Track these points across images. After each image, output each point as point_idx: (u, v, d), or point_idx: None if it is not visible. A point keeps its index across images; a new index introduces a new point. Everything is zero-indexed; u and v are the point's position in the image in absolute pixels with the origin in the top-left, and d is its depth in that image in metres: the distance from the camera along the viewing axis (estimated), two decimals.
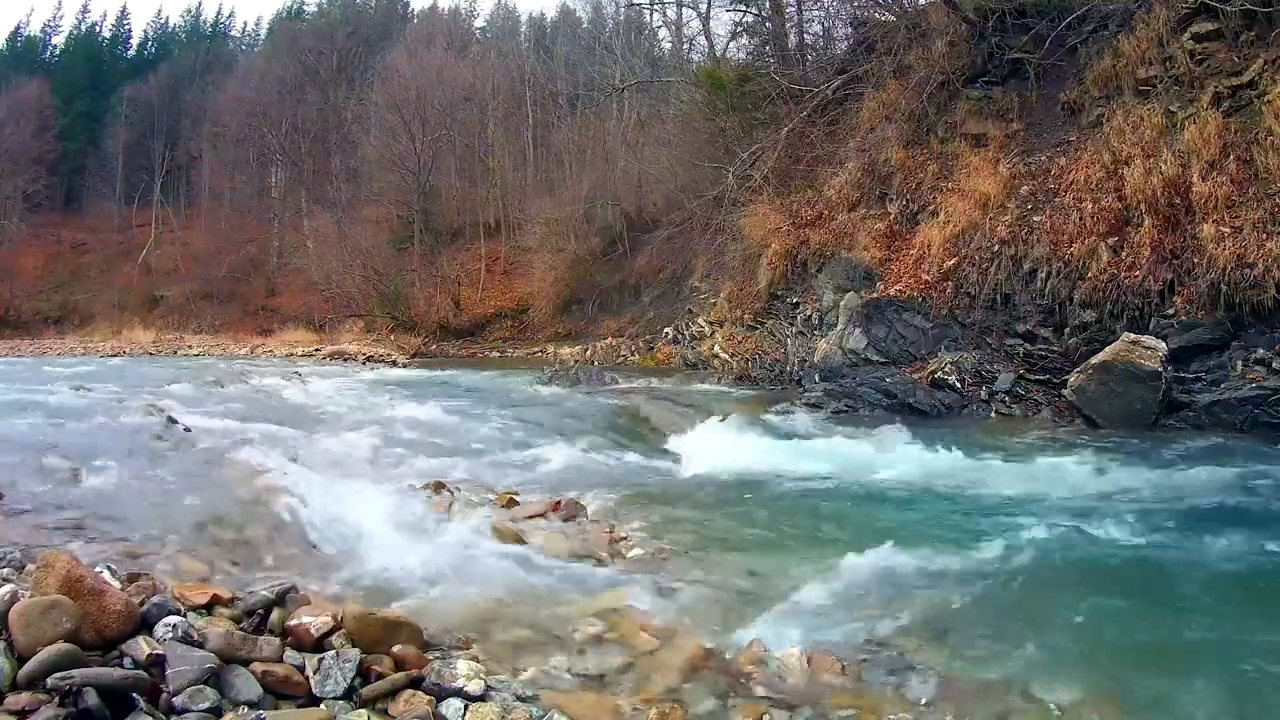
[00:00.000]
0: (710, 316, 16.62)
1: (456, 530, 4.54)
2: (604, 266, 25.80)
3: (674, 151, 22.55)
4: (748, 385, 12.82)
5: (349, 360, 20.94)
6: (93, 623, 2.46)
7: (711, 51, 23.41)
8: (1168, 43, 10.40)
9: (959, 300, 10.99)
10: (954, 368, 10.33)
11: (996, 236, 10.85)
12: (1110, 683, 3.08)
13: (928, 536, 4.82)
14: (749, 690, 2.90)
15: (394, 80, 34.16)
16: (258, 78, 43.66)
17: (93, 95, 51.31)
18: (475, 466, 6.66)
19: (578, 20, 43.75)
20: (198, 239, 41.09)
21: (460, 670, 2.74)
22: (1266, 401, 7.99)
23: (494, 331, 28.35)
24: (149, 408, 7.13)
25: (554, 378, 13.25)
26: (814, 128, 15.56)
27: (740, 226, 15.60)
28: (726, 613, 3.63)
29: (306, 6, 58.13)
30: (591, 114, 32.04)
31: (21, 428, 5.95)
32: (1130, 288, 9.28)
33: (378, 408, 9.47)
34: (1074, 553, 4.55)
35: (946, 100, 13.09)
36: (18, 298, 38.31)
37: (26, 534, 3.58)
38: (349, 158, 37.46)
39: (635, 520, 5.26)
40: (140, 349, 26.32)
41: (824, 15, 19.65)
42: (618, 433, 8.71)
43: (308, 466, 5.55)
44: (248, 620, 2.87)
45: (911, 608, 3.66)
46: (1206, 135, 9.33)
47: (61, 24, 67.39)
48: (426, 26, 46.81)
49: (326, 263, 31.60)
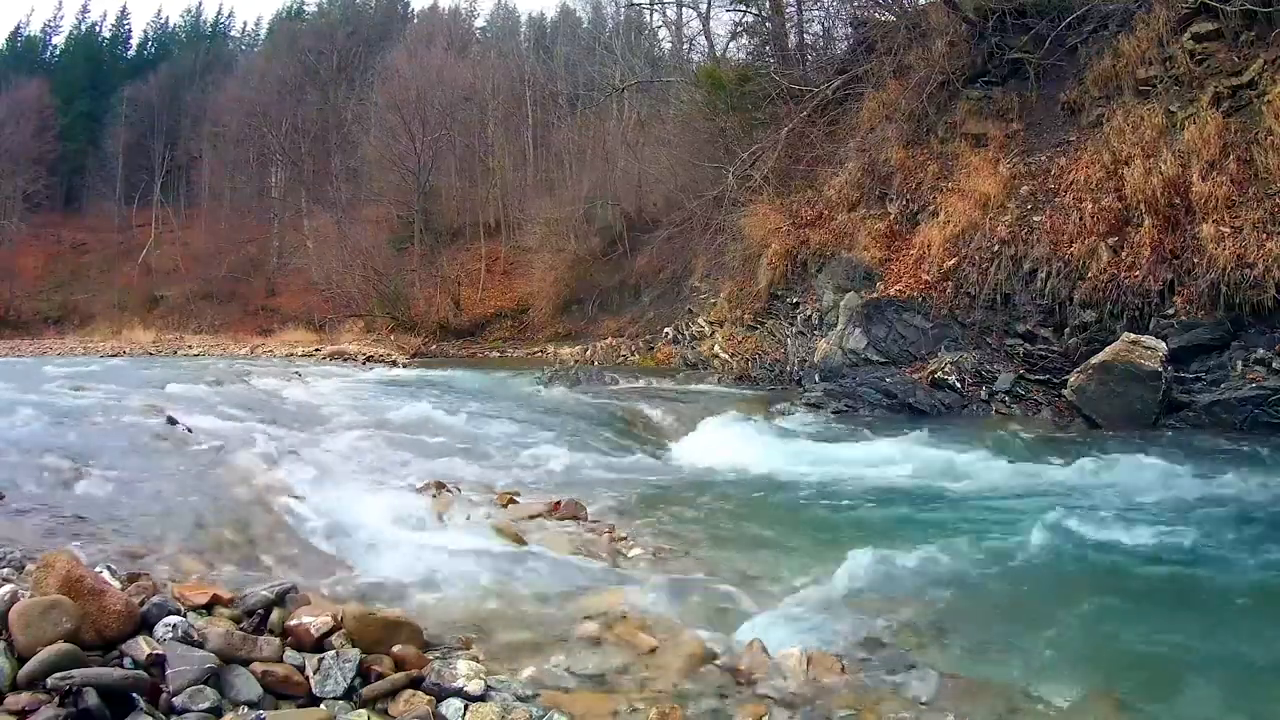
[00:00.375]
0: (710, 316, 16.61)
1: (457, 530, 4.54)
2: (604, 266, 25.80)
3: (674, 151, 22.55)
4: (748, 385, 12.82)
5: (349, 360, 20.94)
6: (93, 623, 2.46)
7: (711, 51, 23.42)
8: (1168, 43, 10.40)
9: (959, 300, 10.99)
10: (954, 368, 10.33)
11: (996, 236, 10.85)
12: (1110, 683, 3.08)
13: (928, 536, 4.82)
14: (749, 690, 2.90)
15: (394, 80, 34.16)
16: (258, 78, 43.66)
17: (93, 95, 51.31)
18: (475, 466, 6.66)
19: (578, 20, 43.79)
20: (198, 239, 41.10)
21: (460, 670, 2.74)
22: (1266, 401, 7.99)
23: (494, 331, 28.36)
24: (149, 408, 7.13)
25: (554, 378, 13.24)
26: (814, 128, 15.55)
27: (740, 226, 15.60)
28: (727, 613, 3.63)
29: (306, 6, 58.18)
30: (591, 114, 32.03)
31: (21, 428, 5.95)
32: (1130, 288, 9.28)
33: (378, 408, 9.47)
34: (1074, 553, 4.55)
35: (946, 100, 13.09)
36: (18, 298, 38.31)
37: (26, 534, 3.58)
38: (349, 158, 37.46)
39: (635, 520, 5.26)
40: (140, 349, 26.32)
41: (824, 15, 19.67)
42: (618, 433, 8.71)
43: (308, 466, 5.56)
44: (248, 620, 2.87)
45: (911, 608, 3.66)
46: (1206, 135, 9.32)
47: (61, 24, 67.43)
48: (426, 26, 46.81)
49: (326, 263, 31.60)
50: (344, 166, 37.13)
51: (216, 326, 33.05)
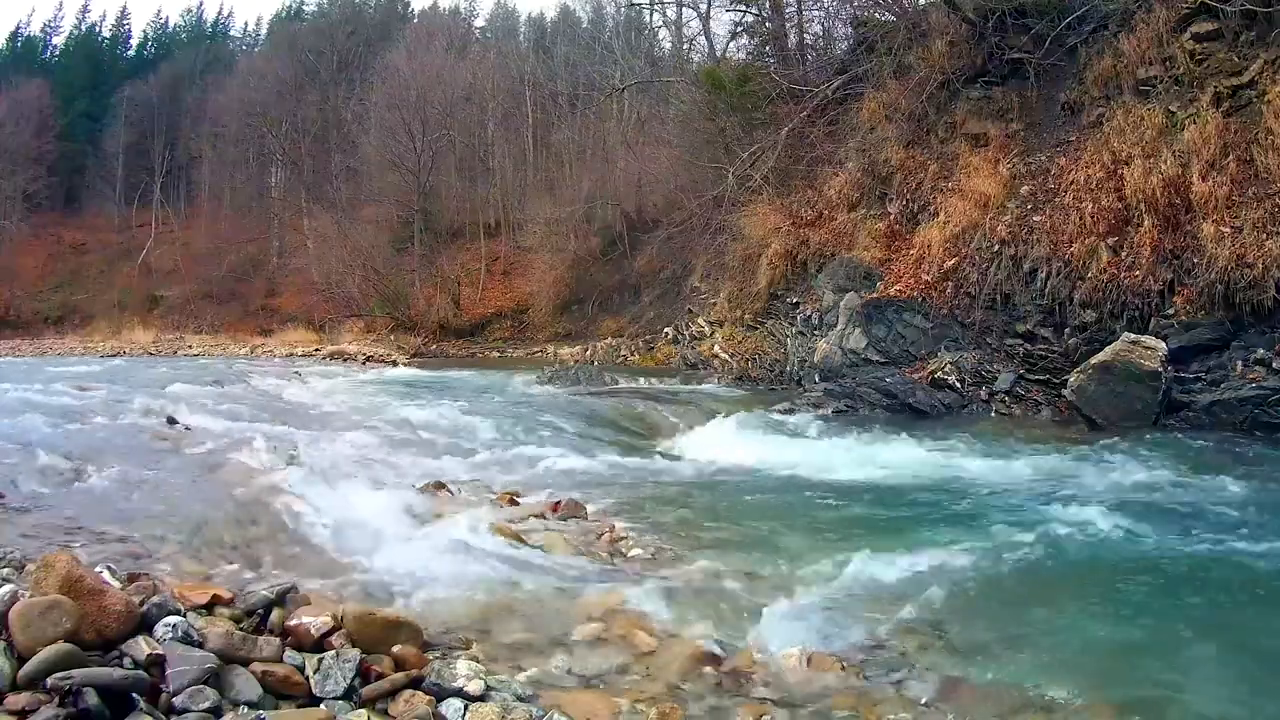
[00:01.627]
0: (710, 316, 16.62)
1: (457, 530, 4.53)
2: (604, 266, 25.81)
3: (674, 151, 22.55)
4: (748, 385, 12.82)
5: (349, 360, 20.95)
6: (93, 623, 2.46)
7: (711, 51, 23.44)
8: (1168, 43, 10.39)
9: (959, 300, 10.98)
10: (954, 368, 10.33)
11: (996, 236, 10.85)
12: (1110, 683, 3.08)
13: (927, 536, 4.82)
14: (749, 690, 2.90)
15: (394, 80, 34.15)
16: (258, 78, 43.65)
17: (93, 95, 51.31)
18: (475, 466, 6.67)
19: (577, 20, 43.77)
20: (198, 239, 41.11)
21: (460, 670, 2.74)
22: (1266, 401, 7.98)
23: (494, 331, 28.35)
24: (149, 408, 7.13)
25: (554, 378, 13.24)
26: (814, 128, 15.55)
27: (740, 226, 15.60)
28: (726, 613, 3.62)
29: (306, 6, 58.17)
30: (591, 114, 32.03)
31: (21, 428, 5.96)
32: (1130, 288, 9.27)
33: (377, 408, 9.48)
34: (1074, 553, 4.54)
35: (946, 100, 13.09)
36: (18, 298, 38.33)
37: (26, 534, 3.59)
38: (349, 158, 37.45)
39: (635, 520, 5.25)
40: (140, 349, 26.34)
41: (824, 15, 19.65)
42: (618, 433, 8.72)
43: (308, 466, 5.56)
44: (248, 620, 2.87)
45: (912, 608, 3.66)
46: (1206, 135, 9.32)
47: (61, 24, 67.26)
48: (426, 26, 46.79)
49: (326, 263, 31.60)
50: (344, 166, 37.13)
51: (216, 326, 33.05)
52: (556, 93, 35.04)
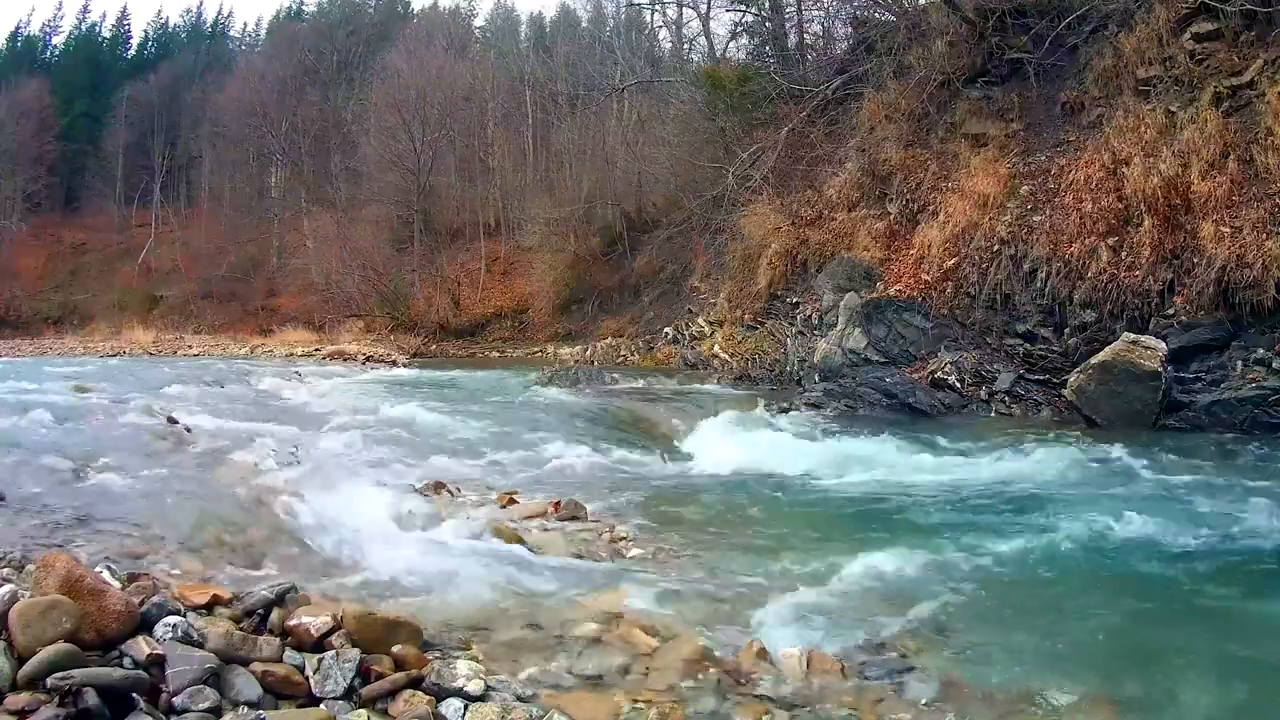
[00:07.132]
0: (710, 316, 16.61)
1: (456, 530, 4.54)
2: (604, 266, 25.82)
3: (674, 151, 22.55)
4: (748, 385, 12.81)
5: (349, 360, 20.95)
6: (92, 623, 2.46)
7: (711, 51, 23.47)
8: (1168, 43, 10.39)
9: (959, 300, 10.98)
10: (954, 368, 10.32)
11: (996, 236, 10.85)
12: (1110, 683, 3.08)
13: (927, 536, 4.82)
14: (749, 690, 2.89)
15: (394, 80, 34.16)
16: (257, 78, 43.64)
17: (93, 95, 51.32)
18: (475, 466, 6.67)
19: (577, 20, 43.78)
20: (197, 239, 41.13)
21: (460, 670, 2.73)
22: (1266, 401, 7.97)
23: (494, 331, 28.37)
24: (149, 408, 7.13)
25: (554, 378, 13.24)
26: (814, 128, 15.55)
27: (740, 226, 15.60)
28: (726, 613, 3.62)
29: (306, 6, 58.19)
30: (591, 114, 32.03)
31: (22, 428, 5.95)
32: (1130, 288, 9.27)
33: (377, 408, 9.48)
34: (1074, 553, 4.54)
35: (946, 100, 13.08)
36: (18, 298, 38.37)
37: (26, 534, 3.58)
38: (349, 158, 37.46)
39: (635, 520, 5.25)
40: (140, 349, 26.34)
41: (824, 15, 19.65)
42: (617, 432, 8.71)
43: (307, 466, 5.56)
44: (248, 620, 2.87)
45: (912, 608, 3.66)
46: (1206, 135, 9.32)
47: (61, 24, 67.24)
48: (426, 26, 46.79)
49: (326, 263, 31.62)
50: (344, 166, 37.13)
51: (216, 326, 33.09)
52: (556, 92, 35.05)
